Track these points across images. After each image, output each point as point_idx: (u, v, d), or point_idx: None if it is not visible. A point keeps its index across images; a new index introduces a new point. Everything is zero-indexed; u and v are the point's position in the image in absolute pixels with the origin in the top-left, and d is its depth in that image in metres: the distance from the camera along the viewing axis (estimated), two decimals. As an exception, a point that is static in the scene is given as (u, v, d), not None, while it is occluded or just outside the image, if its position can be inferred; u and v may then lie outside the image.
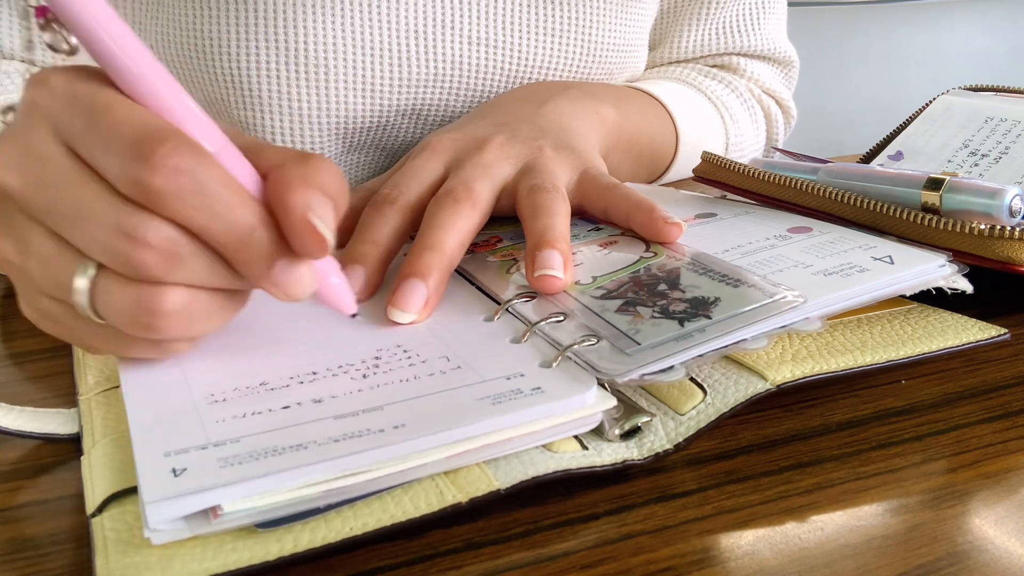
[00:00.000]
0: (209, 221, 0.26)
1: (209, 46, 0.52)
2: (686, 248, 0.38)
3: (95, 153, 0.27)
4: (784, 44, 0.72)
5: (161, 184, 0.25)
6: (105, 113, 0.26)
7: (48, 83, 0.27)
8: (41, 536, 0.26)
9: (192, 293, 0.28)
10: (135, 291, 0.27)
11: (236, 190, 0.27)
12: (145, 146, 0.25)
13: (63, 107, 0.27)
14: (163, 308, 0.27)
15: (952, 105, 0.54)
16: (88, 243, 0.27)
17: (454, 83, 0.57)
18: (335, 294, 0.31)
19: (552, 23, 0.58)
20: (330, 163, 0.29)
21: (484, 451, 0.27)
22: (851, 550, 0.25)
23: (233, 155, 0.28)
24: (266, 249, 0.27)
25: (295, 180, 0.27)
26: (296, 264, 0.28)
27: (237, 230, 0.27)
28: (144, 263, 0.26)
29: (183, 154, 0.26)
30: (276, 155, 0.28)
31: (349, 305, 0.32)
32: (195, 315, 0.28)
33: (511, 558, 0.25)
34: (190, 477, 0.24)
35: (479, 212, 0.39)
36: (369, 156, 0.60)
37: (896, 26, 1.36)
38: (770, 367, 0.32)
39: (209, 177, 0.26)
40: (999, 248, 0.36)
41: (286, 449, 0.26)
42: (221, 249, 0.27)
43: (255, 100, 0.53)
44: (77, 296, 0.28)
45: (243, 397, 0.29)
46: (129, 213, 0.26)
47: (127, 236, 0.26)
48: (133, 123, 0.26)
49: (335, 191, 0.28)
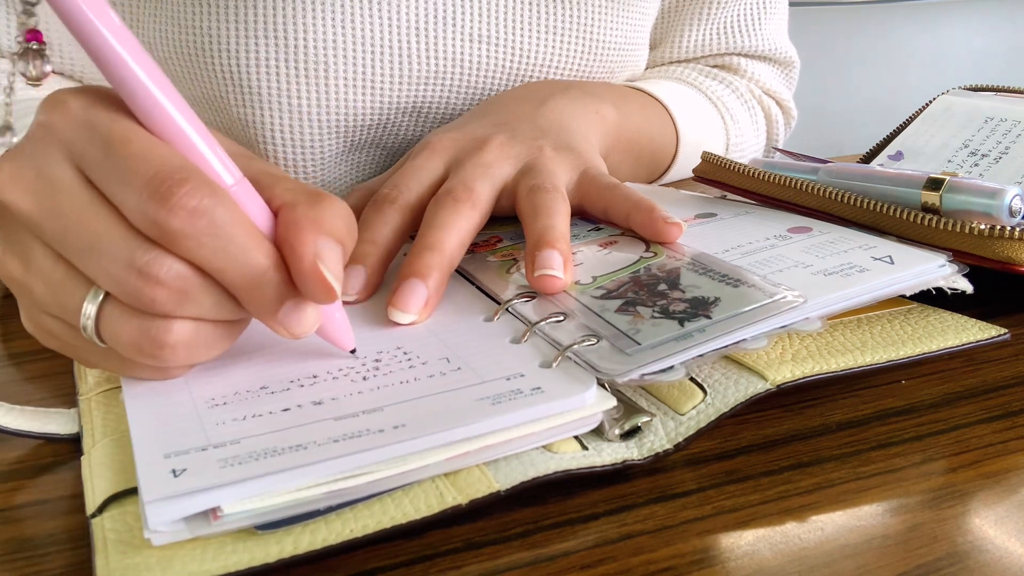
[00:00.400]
0: (223, 263, 0.27)
1: (209, 44, 0.52)
2: (686, 248, 0.38)
3: (111, 185, 0.27)
4: (785, 44, 0.72)
5: (179, 226, 0.26)
6: (123, 146, 0.26)
7: (65, 106, 0.27)
8: (41, 536, 0.26)
9: (197, 325, 0.28)
10: (142, 322, 0.27)
11: (250, 232, 0.27)
12: (164, 186, 0.25)
13: (79, 133, 0.27)
14: (168, 340, 0.27)
15: (952, 105, 0.54)
16: (98, 273, 0.27)
17: (455, 80, 0.57)
18: (337, 331, 0.32)
19: (553, 21, 0.58)
20: (340, 203, 0.29)
21: (484, 452, 0.27)
22: (851, 550, 0.25)
23: (247, 191, 0.28)
24: (276, 291, 0.28)
25: (306, 224, 0.27)
26: (303, 304, 0.28)
27: (250, 272, 0.27)
28: (155, 299, 0.27)
29: (202, 196, 0.26)
30: (287, 192, 0.29)
31: (349, 342, 0.32)
32: (199, 345, 0.28)
33: (511, 558, 0.25)
34: (190, 477, 0.24)
35: (479, 212, 0.39)
36: (370, 155, 0.60)
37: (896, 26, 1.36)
38: (770, 367, 0.32)
39: (225, 219, 0.26)
40: (999, 248, 0.36)
41: (286, 450, 0.26)
42: (232, 289, 0.28)
43: (255, 98, 0.53)
44: (84, 321, 0.28)
45: (243, 400, 0.29)
46: (143, 249, 0.26)
47: (139, 272, 0.26)
48: (152, 160, 0.26)
49: (344, 233, 0.28)
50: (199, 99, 0.55)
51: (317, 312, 0.29)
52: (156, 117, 0.27)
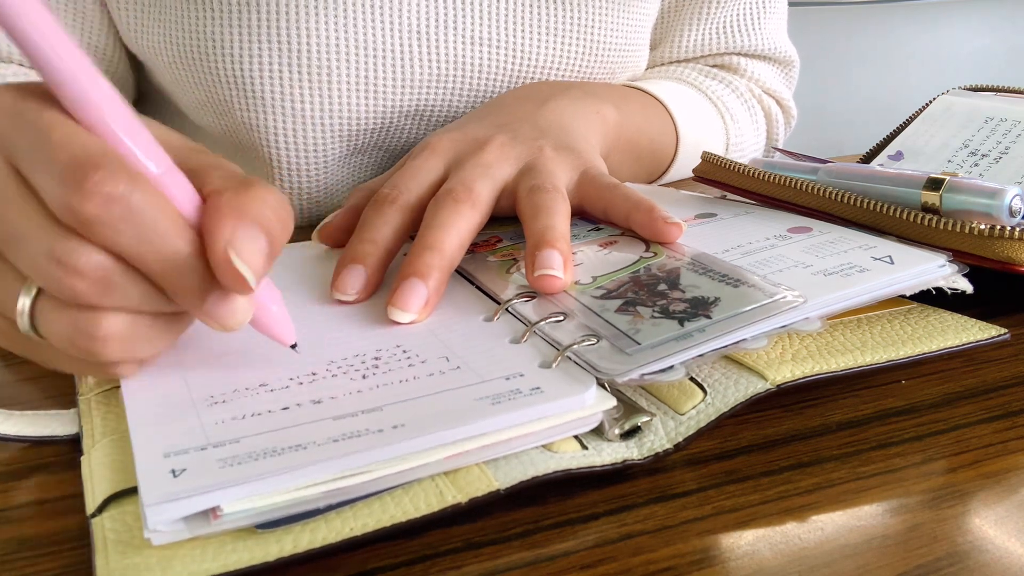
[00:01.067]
0: (140, 250, 0.26)
1: (212, 48, 0.52)
2: (686, 248, 0.38)
3: (35, 175, 0.26)
4: (784, 44, 0.72)
5: (92, 212, 0.25)
6: (45, 134, 0.26)
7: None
8: (41, 536, 0.26)
9: (131, 317, 0.28)
10: (72, 315, 0.27)
11: (171, 219, 0.26)
12: (79, 172, 0.25)
13: (8, 125, 0.26)
14: (99, 333, 0.27)
15: (952, 105, 0.54)
16: (26, 266, 0.27)
17: (457, 83, 0.57)
18: (274, 324, 0.31)
19: (554, 22, 0.58)
20: (271, 192, 0.28)
21: (484, 451, 0.27)
22: (851, 550, 0.25)
23: (176, 179, 0.27)
24: (198, 280, 0.27)
25: (226, 211, 0.27)
26: (231, 295, 0.28)
27: (169, 260, 0.26)
28: (76, 290, 0.26)
29: (117, 181, 0.25)
30: (218, 180, 0.28)
31: (288, 336, 0.31)
32: (135, 339, 0.28)
33: (511, 558, 0.25)
34: (190, 477, 0.24)
35: (479, 212, 0.39)
36: (372, 157, 0.60)
37: (896, 26, 1.36)
38: (770, 367, 0.32)
39: (143, 205, 0.25)
40: (999, 248, 0.36)
41: (285, 450, 0.26)
42: (153, 277, 0.27)
43: (258, 101, 0.53)
44: (19, 317, 0.27)
45: (242, 398, 0.29)
46: (62, 239, 0.26)
47: (58, 262, 0.26)
48: (71, 147, 0.25)
49: (272, 222, 0.27)
50: (203, 103, 0.55)
51: (248, 305, 0.28)
52: (82, 107, 0.26)
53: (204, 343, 0.33)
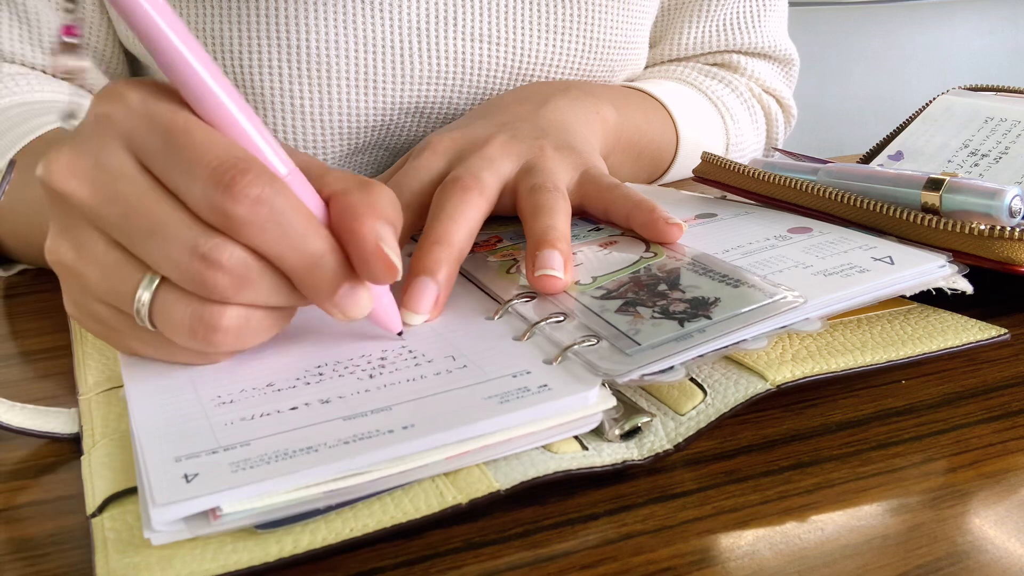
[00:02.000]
0: (283, 249, 0.28)
1: (212, 45, 0.52)
2: (686, 248, 0.38)
3: (173, 174, 0.27)
4: (784, 42, 0.72)
5: (243, 213, 0.27)
6: (184, 136, 0.27)
7: (123, 98, 0.28)
8: (41, 536, 0.26)
9: (249, 311, 0.29)
10: (198, 307, 0.28)
11: (308, 218, 0.28)
12: (227, 176, 0.26)
13: (139, 124, 0.28)
14: (222, 324, 0.28)
15: (952, 105, 0.54)
16: (158, 259, 0.28)
17: (458, 80, 0.57)
18: (387, 314, 0.33)
19: (554, 20, 0.58)
20: (388, 190, 0.30)
21: (484, 452, 0.27)
22: (851, 550, 0.25)
23: (300, 179, 0.29)
24: (334, 274, 0.29)
25: (362, 208, 0.29)
26: (358, 288, 0.30)
27: (309, 257, 0.28)
28: (217, 284, 0.27)
29: (263, 184, 0.27)
30: (337, 181, 0.30)
31: (397, 324, 0.33)
32: (248, 331, 0.29)
33: (511, 558, 0.25)
34: (203, 482, 0.24)
35: (487, 200, 0.39)
36: (373, 156, 0.60)
37: (896, 26, 1.36)
38: (770, 367, 0.32)
39: (284, 207, 0.27)
40: (999, 248, 0.36)
41: (297, 452, 0.26)
42: (291, 274, 0.29)
43: (259, 99, 0.53)
44: (138, 306, 0.29)
45: (250, 398, 0.29)
46: (206, 236, 0.27)
47: (202, 257, 0.27)
48: (214, 150, 0.27)
49: (395, 217, 0.30)
50: None
51: (370, 295, 0.30)
52: (211, 108, 0.28)
53: None
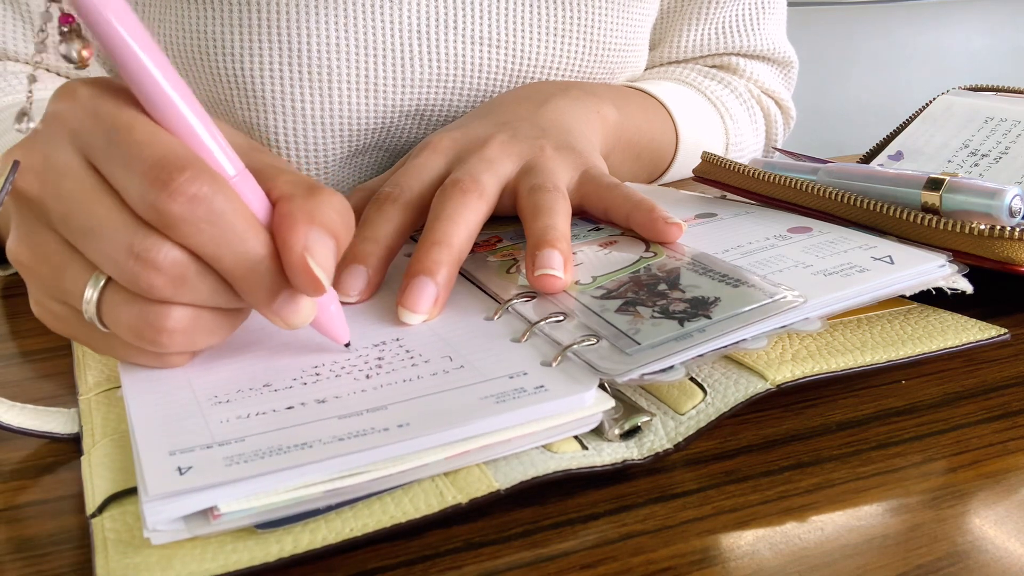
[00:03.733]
0: (219, 250, 0.27)
1: (212, 47, 0.52)
2: (686, 248, 0.38)
3: (114, 171, 0.27)
4: (783, 44, 0.72)
5: (178, 211, 0.26)
6: (126, 133, 0.27)
7: (74, 95, 0.28)
8: (41, 536, 0.26)
9: (196, 312, 0.29)
10: (141, 308, 0.28)
11: (248, 220, 0.28)
12: (164, 173, 0.26)
13: (86, 121, 0.27)
14: (167, 326, 0.28)
15: (952, 105, 0.54)
16: (99, 257, 0.28)
17: (457, 83, 0.57)
18: (332, 324, 0.32)
19: (554, 22, 0.58)
20: (337, 197, 0.29)
21: (484, 452, 0.27)
22: (851, 550, 0.25)
23: (248, 182, 0.29)
24: (272, 280, 0.28)
25: (299, 216, 0.28)
26: (299, 296, 0.29)
27: (245, 260, 0.28)
28: (152, 284, 0.27)
29: (201, 183, 0.26)
30: (287, 184, 0.29)
31: (344, 335, 0.32)
32: (197, 332, 0.29)
33: (511, 558, 0.25)
34: (196, 475, 0.24)
35: (486, 202, 0.39)
36: (373, 157, 0.60)
37: (896, 26, 1.36)
38: (770, 367, 0.32)
39: (224, 207, 0.27)
40: (999, 248, 0.36)
41: (291, 448, 0.26)
42: (227, 277, 0.28)
43: (259, 101, 0.53)
44: (85, 306, 0.28)
45: (246, 397, 0.29)
46: (142, 234, 0.27)
47: (137, 257, 0.27)
48: (154, 147, 0.26)
49: (339, 227, 0.28)
50: (205, 103, 0.55)
51: (313, 304, 0.30)
52: (161, 107, 0.27)
53: None
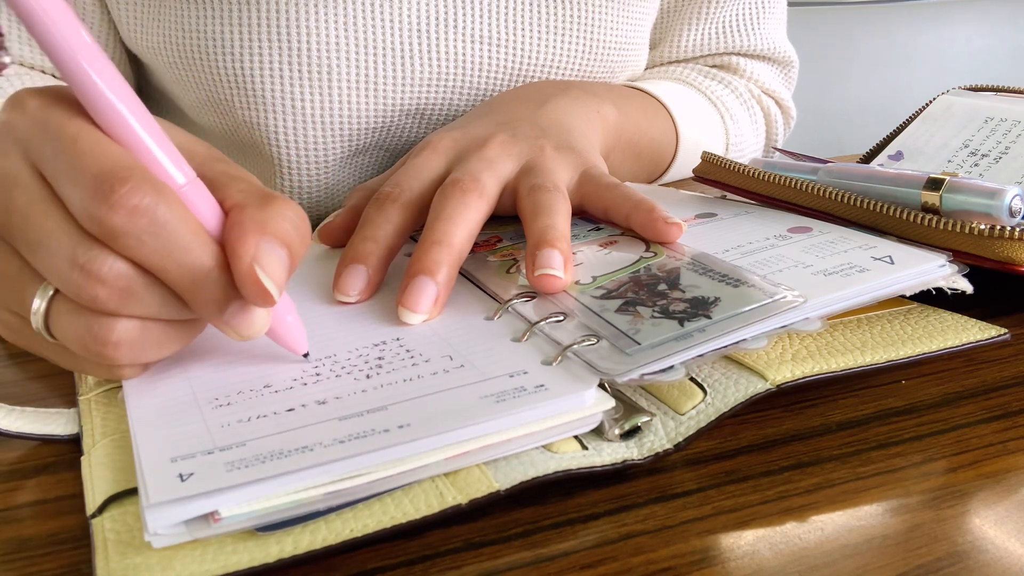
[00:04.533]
0: (164, 262, 0.27)
1: (212, 47, 0.52)
2: (686, 248, 0.38)
3: (60, 182, 0.26)
4: (784, 44, 0.72)
5: (118, 223, 0.25)
6: (71, 143, 0.26)
7: (23, 106, 0.27)
8: (41, 536, 0.26)
9: (144, 324, 0.28)
10: (87, 320, 0.27)
11: (195, 232, 0.27)
12: (106, 184, 0.25)
13: (34, 131, 0.27)
14: (111, 338, 0.27)
15: (952, 105, 0.54)
16: (46, 269, 0.27)
17: (458, 82, 0.57)
18: (289, 334, 0.31)
19: (554, 21, 0.58)
20: (292, 206, 0.28)
21: (484, 452, 0.27)
22: (851, 550, 0.25)
23: (199, 191, 0.28)
24: (221, 291, 0.27)
25: (250, 225, 0.27)
26: (250, 306, 0.28)
27: (191, 272, 0.27)
28: (96, 297, 0.26)
29: (143, 193, 0.25)
30: (239, 193, 0.28)
31: (301, 346, 0.32)
32: (146, 345, 0.28)
33: (511, 558, 0.25)
34: (197, 481, 0.24)
35: (486, 202, 0.39)
36: (374, 157, 0.60)
37: (896, 26, 1.36)
38: (770, 367, 0.32)
39: (168, 218, 0.26)
40: (999, 248, 0.36)
41: (292, 452, 0.26)
42: (175, 288, 0.27)
43: (259, 100, 0.53)
44: (33, 317, 0.28)
45: (247, 399, 0.29)
46: (85, 247, 0.26)
47: (81, 269, 0.26)
48: (97, 157, 0.26)
49: (292, 237, 0.28)
50: (204, 102, 0.55)
51: (266, 314, 0.29)
52: (108, 117, 0.26)
53: (206, 343, 0.33)
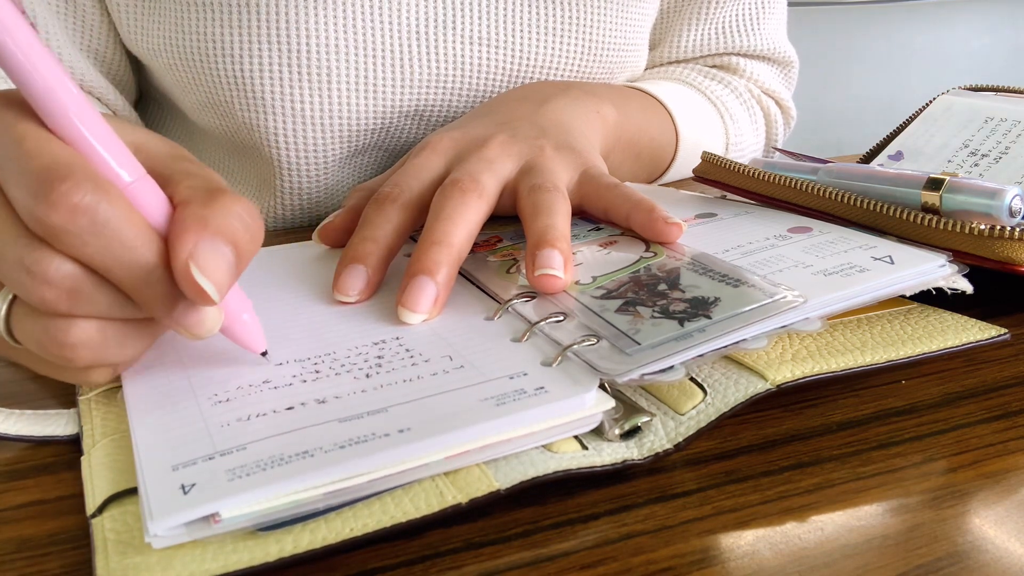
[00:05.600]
0: (108, 261, 0.26)
1: (212, 49, 0.52)
2: (686, 248, 0.38)
3: (9, 185, 0.26)
4: (784, 44, 0.72)
5: (59, 222, 0.25)
6: (16, 145, 0.26)
7: None
8: (41, 536, 0.26)
9: (101, 324, 0.28)
10: (44, 322, 0.27)
11: (138, 229, 0.26)
12: (46, 183, 0.25)
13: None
14: (69, 340, 0.27)
15: (952, 105, 0.54)
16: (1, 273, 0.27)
17: (456, 83, 0.57)
18: (244, 333, 0.31)
19: (553, 22, 0.58)
20: (241, 203, 0.28)
21: (484, 452, 0.27)
22: (851, 550, 0.25)
23: (147, 188, 0.27)
24: (167, 290, 0.27)
25: (190, 222, 0.27)
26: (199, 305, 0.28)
27: (137, 270, 0.26)
28: (44, 298, 0.26)
29: (84, 191, 0.25)
30: (187, 189, 0.28)
31: (259, 343, 0.31)
32: (106, 345, 0.28)
33: (511, 558, 0.25)
34: (200, 492, 0.24)
35: (486, 202, 0.39)
36: (373, 157, 0.60)
37: (896, 26, 1.36)
38: (770, 367, 0.32)
39: (110, 216, 0.26)
40: (999, 248, 0.36)
41: (292, 457, 0.26)
42: (122, 287, 0.27)
43: (259, 102, 0.53)
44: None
45: (246, 396, 0.29)
46: (31, 248, 0.26)
47: (28, 271, 0.26)
48: (40, 157, 0.25)
49: (239, 233, 0.27)
50: (204, 104, 0.55)
51: (217, 313, 0.28)
52: (52, 115, 0.26)
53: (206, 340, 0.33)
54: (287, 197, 0.58)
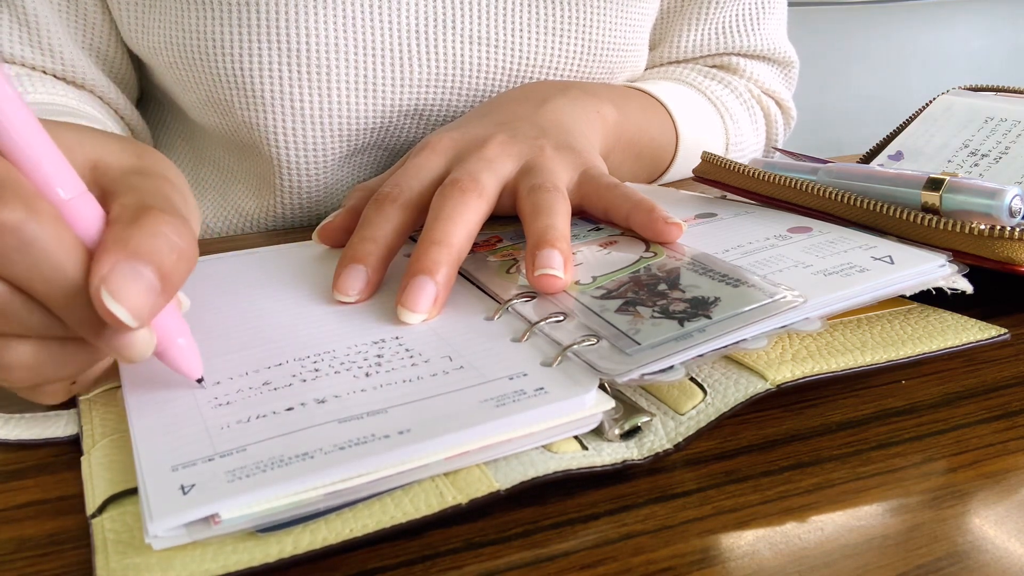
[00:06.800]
0: (34, 280, 0.25)
1: (211, 48, 0.52)
2: (686, 248, 0.38)
3: None
4: (784, 44, 0.72)
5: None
6: None
7: None
8: (41, 536, 0.26)
9: (38, 344, 0.27)
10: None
11: (66, 248, 0.25)
12: None
13: None
14: (4, 361, 0.26)
15: (952, 105, 0.54)
16: None
17: (456, 82, 0.57)
18: (180, 358, 0.30)
19: (553, 21, 0.58)
20: (168, 221, 0.26)
21: (484, 452, 0.27)
22: (851, 550, 0.25)
23: (86, 205, 0.27)
24: (92, 312, 0.26)
25: (109, 245, 0.25)
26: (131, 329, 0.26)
27: (62, 291, 0.25)
28: None
29: (10, 209, 0.24)
30: (119, 207, 0.27)
31: (195, 369, 0.30)
32: (45, 365, 0.27)
33: (511, 558, 0.25)
34: (199, 493, 0.24)
35: (486, 202, 0.39)
36: (372, 156, 0.60)
37: (896, 26, 1.36)
38: (770, 367, 0.32)
39: (36, 234, 0.25)
40: (999, 248, 0.36)
41: (292, 459, 0.26)
42: (49, 307, 0.26)
43: (259, 101, 0.53)
44: None
45: (246, 397, 0.29)
46: None
47: None
48: None
49: (162, 256, 0.26)
50: (204, 103, 0.55)
51: (149, 337, 0.27)
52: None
53: (204, 341, 0.33)
54: (287, 196, 0.58)
